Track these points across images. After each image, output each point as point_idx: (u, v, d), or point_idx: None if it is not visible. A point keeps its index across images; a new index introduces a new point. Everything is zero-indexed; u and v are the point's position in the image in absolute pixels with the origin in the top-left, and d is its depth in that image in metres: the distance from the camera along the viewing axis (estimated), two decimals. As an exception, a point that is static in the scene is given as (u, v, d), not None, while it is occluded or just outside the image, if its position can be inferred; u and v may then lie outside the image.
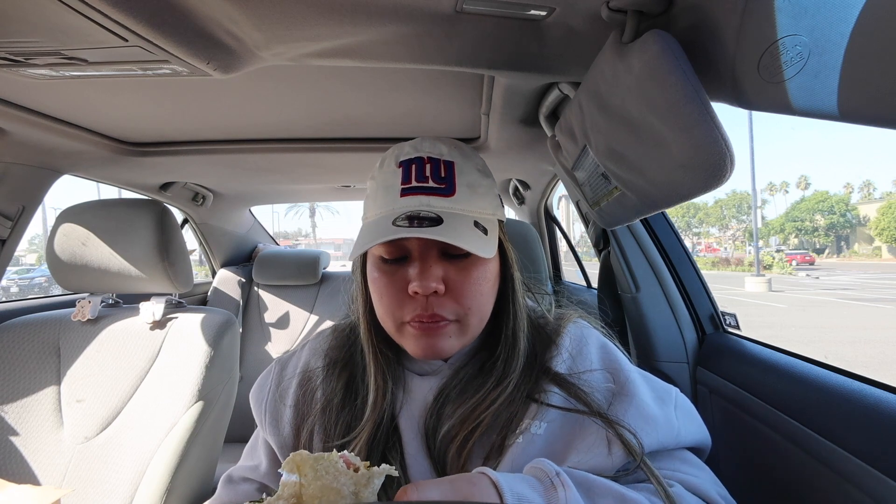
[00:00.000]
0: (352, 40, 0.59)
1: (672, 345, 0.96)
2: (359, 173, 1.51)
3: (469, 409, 0.49)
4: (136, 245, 0.99)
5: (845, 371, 0.64)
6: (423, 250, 0.49)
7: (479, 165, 0.54)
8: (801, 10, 0.33)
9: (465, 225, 0.47)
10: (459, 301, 0.49)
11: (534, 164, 1.32)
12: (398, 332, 0.51)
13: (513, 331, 0.53)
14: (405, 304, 0.49)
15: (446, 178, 0.50)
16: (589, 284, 1.73)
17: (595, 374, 0.51)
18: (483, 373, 0.52)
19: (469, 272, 0.49)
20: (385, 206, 0.50)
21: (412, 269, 0.48)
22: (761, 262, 26.22)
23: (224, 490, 0.59)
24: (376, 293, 0.51)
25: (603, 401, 0.49)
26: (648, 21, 0.49)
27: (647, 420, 0.48)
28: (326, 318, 1.96)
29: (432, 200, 0.48)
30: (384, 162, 0.54)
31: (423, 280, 0.47)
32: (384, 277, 0.50)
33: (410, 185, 0.49)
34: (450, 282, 0.48)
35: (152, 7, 0.49)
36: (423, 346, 0.49)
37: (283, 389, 0.58)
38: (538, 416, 0.48)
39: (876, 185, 56.96)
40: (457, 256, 0.49)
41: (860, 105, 0.32)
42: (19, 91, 0.80)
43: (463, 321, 0.49)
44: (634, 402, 0.49)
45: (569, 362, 0.52)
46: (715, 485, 0.48)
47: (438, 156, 0.51)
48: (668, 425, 0.49)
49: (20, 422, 0.95)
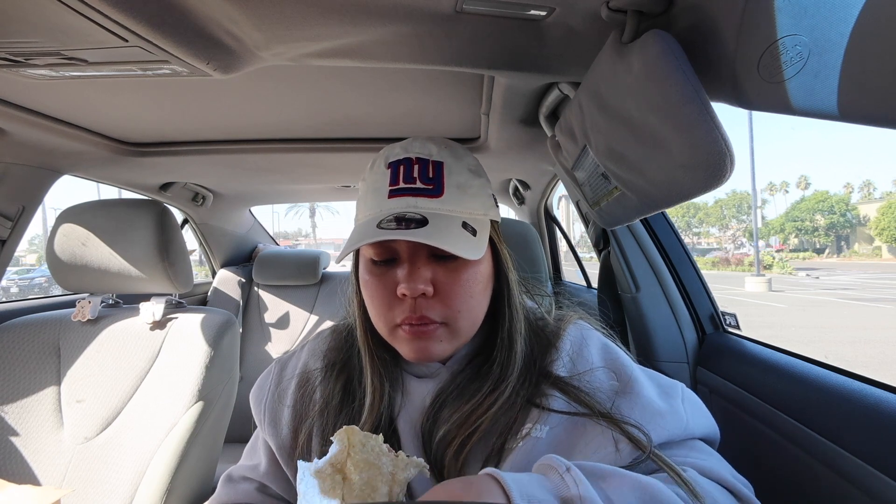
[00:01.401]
0: (352, 40, 0.59)
1: (672, 345, 0.96)
2: (359, 173, 1.50)
3: (465, 413, 0.48)
4: (136, 245, 0.99)
5: (845, 371, 0.64)
6: (411, 252, 0.48)
7: (470, 165, 0.53)
8: (801, 10, 0.33)
9: (452, 226, 0.47)
10: (448, 304, 0.48)
11: (534, 164, 1.32)
12: (391, 335, 0.51)
13: (508, 333, 0.52)
14: (395, 306, 0.48)
15: (434, 178, 0.49)
16: (589, 284, 1.73)
17: (596, 372, 0.51)
18: (480, 376, 0.51)
19: (458, 274, 0.49)
20: (374, 207, 0.50)
21: (400, 271, 0.48)
22: (761, 262, 26.21)
23: (224, 489, 0.59)
24: (367, 296, 0.51)
25: (606, 400, 0.48)
26: (648, 21, 0.49)
27: (653, 415, 0.47)
28: (326, 319, 1.96)
29: (419, 202, 0.48)
30: (374, 163, 0.53)
31: (411, 282, 0.46)
32: (374, 280, 0.50)
33: (398, 186, 0.49)
34: (438, 284, 0.48)
35: (152, 7, 0.49)
36: (414, 349, 0.49)
37: (282, 390, 0.58)
38: (540, 420, 0.48)
39: (876, 184, 57.05)
40: (446, 258, 0.49)
41: (860, 105, 0.32)
42: (19, 91, 0.80)
43: (452, 324, 0.49)
44: (640, 400, 0.48)
45: (569, 365, 0.52)
46: (728, 468, 0.47)
47: (427, 156, 0.51)
48: (675, 417, 0.48)
49: (20, 422, 0.95)
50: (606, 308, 1.12)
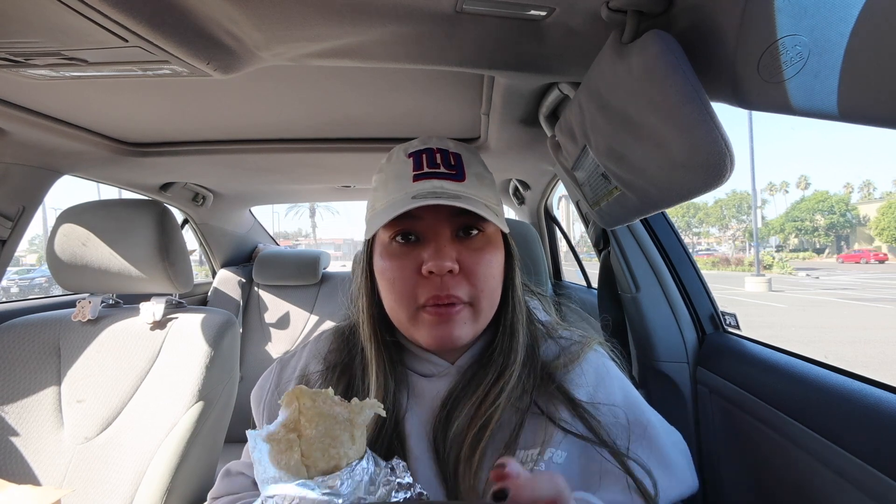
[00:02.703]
0: (352, 40, 0.59)
1: (672, 345, 0.96)
2: (359, 173, 1.51)
3: (475, 405, 0.49)
4: (136, 245, 0.99)
5: (845, 371, 0.64)
6: (435, 232, 0.49)
7: (482, 162, 0.56)
8: (801, 10, 0.33)
9: (477, 206, 0.49)
10: (472, 282, 0.49)
11: (534, 164, 1.32)
12: (412, 321, 0.50)
13: (511, 322, 0.54)
14: (420, 286, 0.49)
15: (456, 165, 0.52)
16: (589, 284, 1.73)
17: (616, 410, 0.52)
18: (483, 366, 0.53)
19: (481, 254, 0.50)
20: (398, 190, 0.50)
21: (426, 251, 0.48)
22: (761, 262, 26.21)
23: (221, 483, 0.60)
24: (387, 281, 0.51)
25: (622, 440, 0.50)
26: (648, 21, 0.49)
27: (668, 468, 0.50)
28: (326, 318, 1.96)
29: (445, 184, 0.50)
30: (392, 156, 0.55)
31: (438, 259, 0.47)
32: (396, 262, 0.50)
33: (423, 170, 0.50)
34: (463, 262, 0.49)
35: (152, 7, 0.49)
36: (437, 334, 0.49)
37: (281, 390, 0.58)
38: (555, 442, 0.49)
39: (876, 184, 57.04)
40: (469, 238, 0.50)
41: (860, 105, 0.32)
42: (19, 91, 0.80)
43: (476, 304, 0.50)
44: (656, 450, 0.50)
45: (590, 391, 0.53)
46: None
47: (446, 148, 0.53)
48: (685, 474, 0.51)
49: (20, 422, 0.95)
50: (606, 308, 1.12)
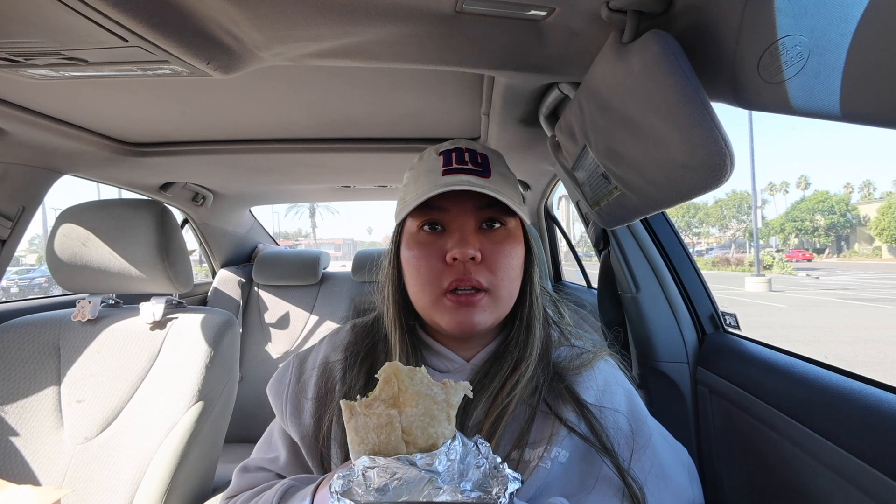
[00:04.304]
0: (352, 40, 0.59)
1: (672, 345, 0.96)
2: (359, 173, 1.51)
3: (491, 397, 0.51)
4: (136, 245, 0.99)
5: (845, 371, 0.64)
6: (461, 223, 0.53)
7: (506, 164, 0.60)
8: (801, 10, 0.33)
9: (503, 198, 0.52)
10: (493, 270, 0.52)
11: (534, 164, 1.32)
12: (434, 306, 0.53)
13: (528, 317, 0.57)
14: (443, 272, 0.52)
15: (482, 164, 0.55)
16: (589, 284, 1.73)
17: (619, 417, 0.54)
18: (498, 358, 0.55)
19: (502, 245, 0.54)
20: (427, 183, 0.53)
21: (451, 240, 0.52)
22: (761, 262, 26.22)
23: (238, 479, 0.60)
24: (413, 267, 0.54)
25: (624, 448, 0.52)
26: (648, 21, 0.49)
27: (667, 481, 0.51)
28: (326, 319, 1.96)
29: (472, 179, 0.52)
30: (423, 155, 0.59)
31: (462, 247, 0.50)
32: (422, 251, 0.53)
33: (452, 166, 0.54)
34: (485, 252, 0.52)
35: (152, 7, 0.49)
36: (457, 319, 0.51)
37: (303, 383, 0.59)
38: (559, 441, 0.51)
39: (876, 185, 57.03)
40: (491, 229, 0.54)
41: (860, 105, 0.32)
42: (19, 91, 0.80)
43: (495, 293, 0.52)
44: (655, 462, 0.52)
45: (597, 394, 0.55)
46: None
47: (474, 148, 0.57)
48: (684, 490, 0.53)
49: (20, 422, 0.95)
50: (606, 308, 1.12)
